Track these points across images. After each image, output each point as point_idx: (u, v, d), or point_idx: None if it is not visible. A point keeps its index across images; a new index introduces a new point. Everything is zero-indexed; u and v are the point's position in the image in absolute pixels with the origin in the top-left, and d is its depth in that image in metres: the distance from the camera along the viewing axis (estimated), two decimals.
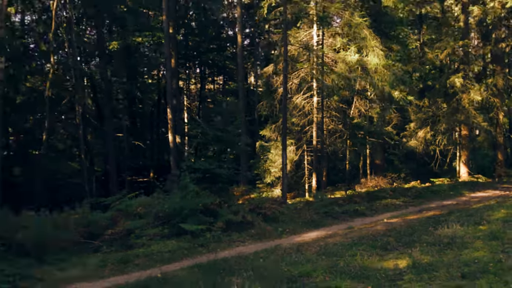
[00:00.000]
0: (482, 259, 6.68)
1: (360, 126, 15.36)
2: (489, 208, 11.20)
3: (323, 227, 10.95)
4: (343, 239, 9.27)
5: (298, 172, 18.58)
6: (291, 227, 10.76)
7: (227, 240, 9.73)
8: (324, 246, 8.60)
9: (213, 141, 11.74)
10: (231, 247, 9.25)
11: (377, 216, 12.31)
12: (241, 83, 24.26)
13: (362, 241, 8.79)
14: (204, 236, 9.75)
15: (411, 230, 9.62)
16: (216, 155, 22.53)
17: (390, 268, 6.73)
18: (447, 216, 11.00)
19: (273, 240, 9.73)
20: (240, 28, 23.60)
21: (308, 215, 11.77)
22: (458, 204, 13.94)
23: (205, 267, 7.50)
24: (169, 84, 23.58)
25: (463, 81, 19.92)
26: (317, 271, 6.71)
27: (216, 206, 11.29)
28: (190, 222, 10.03)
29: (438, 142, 20.95)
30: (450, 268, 6.35)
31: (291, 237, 9.98)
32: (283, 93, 14.24)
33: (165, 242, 9.87)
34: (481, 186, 18.75)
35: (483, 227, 8.99)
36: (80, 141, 20.16)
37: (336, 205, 13.20)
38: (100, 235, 10.22)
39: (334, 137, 18.13)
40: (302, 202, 14.35)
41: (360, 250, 8.04)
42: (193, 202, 10.42)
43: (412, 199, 15.01)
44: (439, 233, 8.86)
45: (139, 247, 9.62)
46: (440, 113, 20.46)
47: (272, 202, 12.48)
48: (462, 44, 19.57)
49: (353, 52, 14.58)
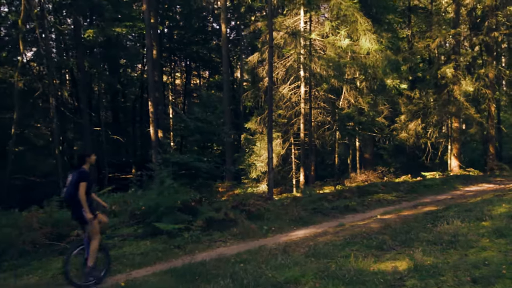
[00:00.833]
0: (493, 260, 5.90)
1: (351, 116, 14.56)
2: (488, 203, 10.47)
3: (312, 225, 10.12)
4: (334, 238, 8.45)
5: (285, 166, 17.79)
6: (277, 225, 9.90)
7: (207, 240, 8.83)
8: (313, 246, 7.75)
9: (194, 132, 10.77)
10: (211, 248, 8.37)
11: (369, 212, 11.53)
12: (226, 75, 23.40)
13: (355, 240, 7.98)
14: (181, 236, 8.84)
15: (407, 227, 8.84)
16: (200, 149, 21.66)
17: (388, 272, 5.91)
18: (445, 211, 10.26)
19: (258, 240, 8.87)
20: (224, 17, 22.64)
21: (296, 211, 10.89)
22: (453, 199, 13.26)
23: (179, 273, 6.62)
24: (150, 75, 22.59)
25: (455, 72, 19.28)
26: (306, 276, 5.87)
27: (196, 203, 10.42)
28: (166, 221, 9.11)
29: (429, 134, 20.30)
30: (458, 271, 5.56)
31: (277, 236, 9.13)
32: (268, 83, 13.36)
33: (139, 243, 8.97)
34: (473, 179, 18.14)
35: (485, 223, 8.24)
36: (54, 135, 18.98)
37: (326, 201, 12.38)
38: (68, 236, 9.28)
39: (322, 130, 17.34)
40: (289, 198, 13.51)
41: (353, 250, 7.23)
42: (170, 198, 9.49)
43: (405, 194, 14.27)
44: (439, 230, 8.08)
45: (109, 248, 8.69)
46: (431, 105, 19.78)
47: (257, 198, 11.62)
48: (454, 33, 18.89)
49: (343, 37, 13.72)
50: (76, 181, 6.19)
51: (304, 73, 15.34)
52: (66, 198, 6.31)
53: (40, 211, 10.91)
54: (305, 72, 15.21)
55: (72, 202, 6.24)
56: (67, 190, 6.27)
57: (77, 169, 6.44)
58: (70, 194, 6.20)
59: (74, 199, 6.17)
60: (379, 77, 14.55)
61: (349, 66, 14.27)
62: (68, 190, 6.23)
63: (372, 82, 15.17)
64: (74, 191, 6.16)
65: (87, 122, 21.81)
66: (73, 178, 6.26)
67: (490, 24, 19.27)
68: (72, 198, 6.19)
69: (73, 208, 6.31)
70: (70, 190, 6.21)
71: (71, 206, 6.34)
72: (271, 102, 13.59)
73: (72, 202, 6.24)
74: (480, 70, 19.93)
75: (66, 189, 6.30)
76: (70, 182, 6.25)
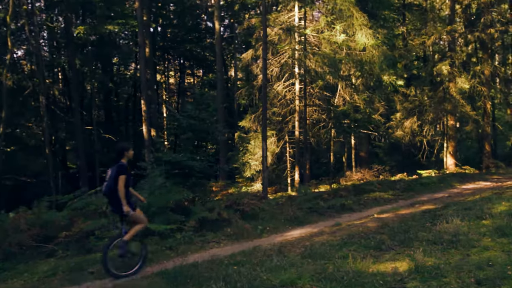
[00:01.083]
0: (496, 260, 5.68)
1: (346, 114, 14.32)
2: (487, 201, 10.27)
3: (308, 224, 9.87)
4: (330, 238, 8.21)
5: (279, 165, 17.56)
6: (272, 225, 9.64)
7: (200, 241, 8.56)
8: (309, 247, 7.51)
9: (186, 130, 10.49)
10: (204, 249, 8.10)
11: (366, 211, 11.31)
12: (219, 74, 23.13)
13: (352, 240, 7.74)
14: (173, 237, 8.57)
15: (405, 226, 8.62)
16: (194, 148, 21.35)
17: (388, 273, 5.68)
18: (443, 209, 10.05)
19: (252, 240, 8.60)
20: (218, 15, 22.36)
21: (291, 211, 10.64)
22: (451, 197, 13.06)
23: (170, 275, 6.35)
24: (143, 74, 22.29)
25: (450, 69, 19.11)
26: (302, 278, 5.62)
27: (189, 203, 10.16)
28: (158, 221, 8.82)
29: (425, 132, 20.12)
30: (461, 273, 5.33)
31: (272, 236, 8.87)
32: (262, 80, 13.10)
33: (130, 244, 8.67)
34: (470, 177, 17.98)
35: (486, 222, 8.04)
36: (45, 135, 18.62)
37: (321, 200, 12.14)
38: (56, 237, 8.97)
39: (318, 128, 17.11)
40: (284, 197, 13.27)
41: (351, 250, 6.99)
42: (162, 198, 9.22)
43: (401, 192, 14.06)
44: (438, 229, 7.86)
45: (99, 250, 8.39)
46: (427, 103, 19.59)
47: (251, 197, 11.33)
48: (450, 30, 18.71)
49: (339, 32, 13.46)
50: (116, 175, 6.34)
51: (299, 70, 15.10)
52: (106, 192, 6.48)
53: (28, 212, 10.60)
54: (300, 69, 14.98)
55: (111, 196, 6.43)
56: (106, 184, 6.42)
57: (116, 163, 6.55)
58: (110, 188, 6.38)
59: (114, 193, 6.36)
60: (375, 73, 14.31)
61: (345, 62, 14.01)
62: (108, 184, 6.40)
63: (368, 78, 14.93)
64: (114, 185, 6.33)
65: (78, 121, 21.46)
66: (112, 172, 6.41)
67: (485, 21, 19.11)
68: (112, 191, 6.37)
69: (112, 202, 6.51)
70: (109, 184, 6.38)
71: (110, 199, 6.54)
72: (265, 100, 13.34)
73: (111, 196, 6.43)
74: (476, 67, 19.78)
75: (105, 183, 6.45)
76: (110, 176, 6.40)
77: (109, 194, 6.47)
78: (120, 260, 6.59)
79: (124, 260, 6.61)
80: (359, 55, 13.54)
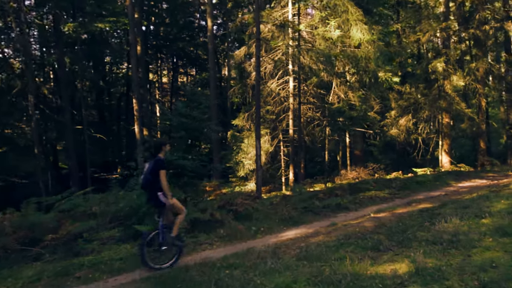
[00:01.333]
0: (500, 261, 5.46)
1: (341, 111, 14.08)
2: (485, 199, 10.08)
3: (303, 225, 9.61)
4: (326, 239, 7.97)
5: (273, 164, 17.29)
6: (266, 226, 9.37)
7: (192, 242, 8.28)
8: (305, 248, 7.26)
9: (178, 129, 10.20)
10: (195, 251, 7.82)
11: (362, 210, 11.06)
12: (212, 71, 22.84)
13: (349, 241, 7.50)
14: None
15: (403, 225, 8.40)
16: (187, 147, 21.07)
17: (387, 275, 5.45)
18: (441, 208, 9.85)
19: (246, 241, 8.33)
20: (210, 12, 22.06)
21: (286, 211, 10.39)
22: (447, 195, 12.87)
23: (160, 279, 6.08)
24: (135, 72, 21.99)
25: (445, 66, 18.94)
26: (298, 282, 5.36)
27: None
28: (148, 223, 8.53)
29: (420, 130, 19.94)
30: (464, 275, 5.11)
31: (266, 237, 8.61)
32: (256, 77, 12.82)
33: (119, 247, 8.37)
34: (465, 175, 17.83)
35: (485, 221, 7.83)
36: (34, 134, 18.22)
37: (316, 199, 11.90)
38: (42, 241, 8.66)
39: (312, 126, 16.86)
40: (278, 197, 13.00)
41: (348, 252, 6.75)
42: None
43: (397, 191, 13.85)
44: (437, 228, 7.64)
45: (87, 254, 8.10)
46: (422, 100, 19.40)
47: (245, 197, 11.06)
48: (445, 26, 18.53)
49: (333, 28, 13.20)
50: (154, 169, 6.57)
51: (293, 67, 14.83)
52: (144, 185, 6.72)
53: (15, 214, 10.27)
54: (294, 66, 14.71)
55: (149, 189, 6.67)
56: (144, 177, 6.67)
57: (154, 157, 6.78)
58: (148, 180, 6.61)
59: (151, 186, 6.60)
60: (371, 70, 14.06)
61: (340, 59, 13.75)
62: (146, 177, 6.64)
63: (363, 75, 14.69)
64: (152, 178, 6.57)
65: (68, 121, 21.07)
66: (150, 166, 6.66)
67: (480, 18, 18.96)
68: (150, 184, 6.61)
69: (150, 194, 6.73)
70: (148, 177, 6.61)
71: (148, 192, 6.78)
72: (258, 97, 13.07)
73: (149, 189, 6.67)
74: (471, 64, 19.62)
75: (143, 177, 6.70)
76: (148, 170, 6.66)
77: (147, 187, 6.69)
78: (159, 253, 6.75)
79: (162, 253, 6.75)
80: (354, 52, 13.30)
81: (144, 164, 6.93)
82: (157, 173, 6.53)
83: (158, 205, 6.70)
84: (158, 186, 6.56)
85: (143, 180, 6.71)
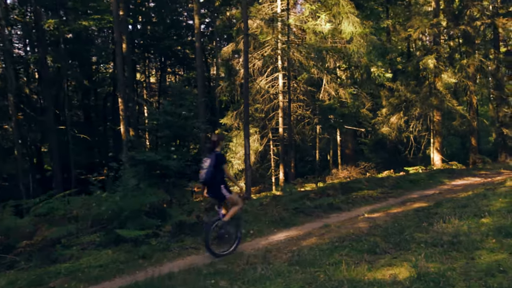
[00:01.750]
0: (507, 264, 5.07)
1: (333, 108, 13.67)
2: (482, 197, 9.75)
3: (294, 226, 9.18)
4: (319, 241, 7.55)
5: (263, 163, 16.87)
6: (256, 228, 8.91)
7: (177, 247, 7.79)
8: (297, 252, 6.83)
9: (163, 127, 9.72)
10: (181, 257, 7.35)
11: (355, 210, 10.66)
12: (200, 69, 22.39)
13: (343, 243, 7.08)
14: (148, 243, 7.79)
15: (399, 226, 8.02)
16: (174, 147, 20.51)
17: (386, 281, 5.04)
18: (437, 207, 9.49)
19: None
20: (197, 9, 21.59)
21: (276, 212, 9.94)
22: (441, 193, 12.54)
23: None
24: (120, 71, 21.40)
25: (436, 63, 18.68)
26: None
27: (166, 206, 9.39)
28: (131, 227, 8.05)
29: (412, 128, 19.65)
30: (470, 280, 4.71)
31: (256, 241, 8.16)
32: (244, 73, 12.38)
33: (100, 253, 7.85)
34: (458, 173, 17.56)
35: (485, 220, 7.48)
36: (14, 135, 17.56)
37: (308, 199, 11.47)
38: (15, 248, 8.10)
39: (302, 124, 16.47)
40: (268, 197, 12.55)
41: (343, 255, 6.33)
42: (135, 201, 8.43)
43: (390, 190, 13.49)
44: (435, 229, 7.27)
45: (64, 260, 7.59)
46: (413, 98, 19.11)
47: None
48: (436, 22, 18.26)
49: (324, 21, 12.77)
50: (216, 164, 6.90)
51: (282, 63, 14.40)
52: (207, 179, 6.90)
53: None
54: (283, 62, 14.27)
55: (212, 182, 6.95)
56: (207, 171, 6.88)
57: (212, 152, 7.03)
58: (212, 174, 6.88)
59: (214, 179, 6.91)
60: (363, 64, 13.65)
61: (331, 54, 13.31)
62: (209, 171, 6.87)
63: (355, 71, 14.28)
64: (215, 172, 6.89)
65: (51, 121, 20.42)
66: (212, 161, 6.90)
67: (471, 14, 18.74)
68: (213, 177, 6.90)
69: (212, 188, 7.04)
70: (211, 171, 6.87)
71: (210, 185, 7.03)
72: (247, 95, 12.63)
73: (212, 182, 6.95)
74: (462, 61, 19.38)
75: (206, 171, 6.89)
76: (210, 164, 6.89)
77: (209, 180, 6.91)
78: (219, 240, 7.13)
79: (222, 240, 7.13)
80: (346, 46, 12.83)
81: (203, 160, 7.09)
82: (219, 167, 6.93)
83: (220, 197, 7.09)
84: (220, 179, 6.98)
85: (207, 174, 6.88)
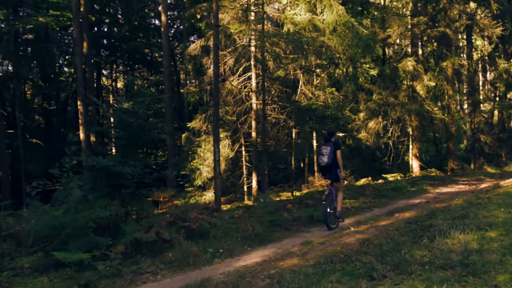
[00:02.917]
0: None
1: (312, 109, 12.53)
2: (479, 207, 8.73)
3: (271, 243, 7.89)
4: (302, 263, 6.30)
5: (234, 171, 15.56)
6: (227, 246, 7.57)
7: (131, 272, 6.39)
8: (277, 277, 5.56)
9: (116, 128, 8.31)
10: (134, 285, 5.96)
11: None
12: (167, 71, 21.02)
13: (332, 265, 5.86)
14: (94, 268, 6.36)
15: (393, 242, 6.87)
16: (144, 154, 19.01)
17: None
18: (430, 219, 8.39)
19: (200, 268, 6.53)
20: (165, 5, 20.23)
21: (249, 226, 8.61)
22: (428, 203, 11.56)
23: None
24: (80, 71, 19.76)
25: (416, 65, 17.92)
26: None
27: (119, 220, 7.95)
28: (73, 247, 6.59)
29: (391, 133, 18.79)
30: None
31: (226, 262, 6.84)
32: (214, 70, 11.12)
33: (34, 280, 6.39)
34: (440, 180, 16.76)
35: (493, 234, 6.40)
36: None
37: (285, 211, 10.25)
38: None
39: (277, 128, 15.29)
40: (240, 208, 11.22)
41: (334, 283, 5.11)
42: (80, 216, 6.99)
43: (373, 199, 12.43)
44: (437, 246, 6.12)
45: None
46: (392, 101, 18.27)
47: (200, 210, 9.25)
48: (416, 22, 17.52)
49: (303, 10, 11.61)
50: (335, 150, 8.37)
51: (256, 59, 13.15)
52: (329, 162, 8.35)
53: None
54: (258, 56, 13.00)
55: (332, 165, 8.40)
56: (329, 156, 8.33)
57: (329, 141, 8.53)
58: (333, 159, 8.36)
59: (333, 163, 8.38)
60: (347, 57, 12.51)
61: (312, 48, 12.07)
62: (330, 156, 8.33)
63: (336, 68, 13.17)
64: (334, 157, 8.36)
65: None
66: (331, 148, 8.36)
67: (451, 15, 18.12)
68: (333, 162, 8.37)
69: (330, 170, 8.50)
70: (332, 157, 8.34)
71: (329, 168, 8.48)
72: (217, 94, 11.34)
73: (332, 165, 8.40)
74: (442, 63, 18.69)
75: (327, 156, 8.34)
76: (330, 151, 8.34)
77: (331, 164, 8.34)
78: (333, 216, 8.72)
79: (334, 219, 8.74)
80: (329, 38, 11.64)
81: (322, 147, 8.54)
82: (336, 153, 8.36)
83: (336, 179, 8.54)
84: (336, 163, 8.41)
85: (328, 159, 8.30)
